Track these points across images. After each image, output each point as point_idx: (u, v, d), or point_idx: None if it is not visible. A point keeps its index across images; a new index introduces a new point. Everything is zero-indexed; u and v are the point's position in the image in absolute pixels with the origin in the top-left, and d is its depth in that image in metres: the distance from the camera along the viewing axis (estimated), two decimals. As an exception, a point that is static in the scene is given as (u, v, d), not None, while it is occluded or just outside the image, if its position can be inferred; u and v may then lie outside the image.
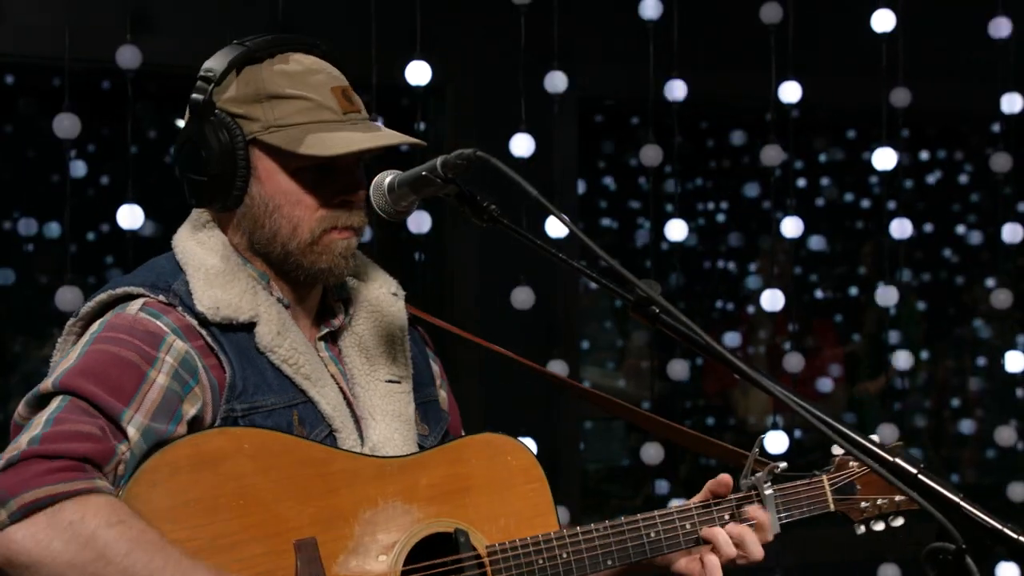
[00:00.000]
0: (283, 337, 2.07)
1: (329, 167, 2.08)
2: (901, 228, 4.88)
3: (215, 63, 2.09)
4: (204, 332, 2.03)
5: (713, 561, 2.24)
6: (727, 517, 2.26)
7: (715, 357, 1.86)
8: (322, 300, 2.21)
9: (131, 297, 2.04)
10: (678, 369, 4.65)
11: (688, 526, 2.24)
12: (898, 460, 1.79)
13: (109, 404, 1.89)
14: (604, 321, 7.41)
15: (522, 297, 4.37)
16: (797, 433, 5.33)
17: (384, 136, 2.09)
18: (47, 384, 1.92)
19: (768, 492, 2.28)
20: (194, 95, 2.08)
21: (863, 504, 2.36)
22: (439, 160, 1.96)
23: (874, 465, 1.76)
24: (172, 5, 4.48)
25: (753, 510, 2.26)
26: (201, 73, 2.09)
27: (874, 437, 1.88)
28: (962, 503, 1.76)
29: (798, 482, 2.34)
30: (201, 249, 2.11)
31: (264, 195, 2.08)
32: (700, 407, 7.11)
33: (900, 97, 4.82)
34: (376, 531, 2.05)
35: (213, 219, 2.15)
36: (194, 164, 2.09)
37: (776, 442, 4.69)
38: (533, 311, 4.40)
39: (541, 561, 2.13)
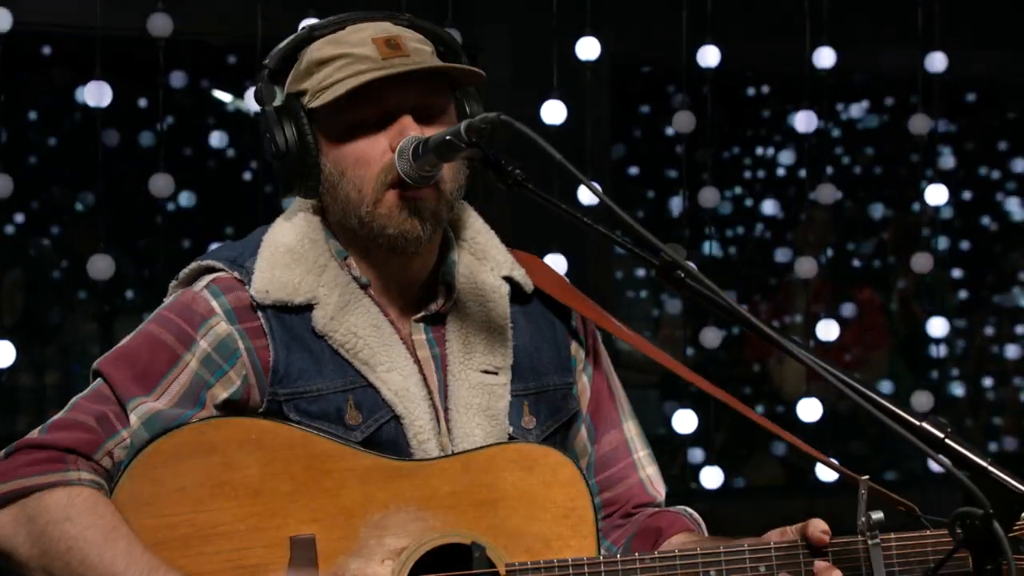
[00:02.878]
0: (339, 321, 2.04)
1: (387, 119, 2.04)
2: (937, 195, 4.84)
3: (275, 51, 2.12)
4: (260, 313, 2.04)
5: None
6: (816, 566, 1.94)
7: (740, 321, 1.84)
8: (431, 279, 2.15)
9: (212, 270, 2.09)
10: (711, 337, 4.64)
11: (763, 568, 1.95)
12: (925, 424, 1.78)
13: (124, 391, 1.99)
14: (639, 290, 7.39)
15: (554, 265, 4.35)
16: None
17: (411, 64, 2.03)
18: (97, 362, 2.05)
19: (874, 542, 1.91)
20: (256, 85, 2.11)
21: None
22: (463, 124, 1.93)
23: (901, 430, 1.74)
24: (203, -27, 4.49)
25: (824, 568, 1.94)
26: (264, 62, 2.12)
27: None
28: (990, 468, 1.74)
29: (926, 532, 1.96)
30: (287, 225, 2.12)
31: (331, 164, 2.06)
32: (735, 376, 7.08)
33: (936, 62, 4.77)
34: (384, 535, 1.97)
35: (314, 204, 2.14)
36: (272, 154, 2.09)
37: (810, 410, 4.68)
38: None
39: None
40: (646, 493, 2.26)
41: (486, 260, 2.20)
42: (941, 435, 1.76)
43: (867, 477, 1.95)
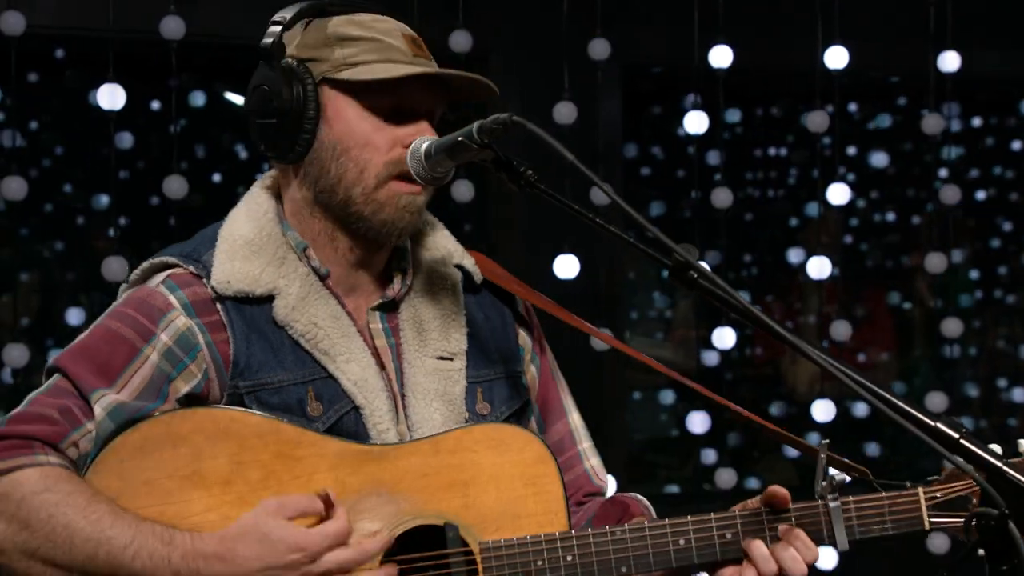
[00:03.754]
0: (300, 312, 2.06)
1: (402, 112, 2.07)
2: (951, 195, 4.82)
3: (286, 11, 2.11)
4: (219, 306, 2.04)
5: (749, 573, 2.01)
6: (780, 529, 2.03)
7: (753, 321, 1.84)
8: (387, 269, 2.18)
9: (166, 267, 2.08)
10: (725, 337, 4.63)
11: (729, 535, 2.04)
12: (940, 425, 1.78)
13: (86, 384, 1.95)
14: (651, 290, 7.38)
15: (566, 265, 4.36)
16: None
17: (451, 71, 2.08)
18: (52, 359, 2.02)
19: (834, 504, 2.02)
20: (264, 40, 2.09)
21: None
22: (475, 125, 1.96)
23: (915, 430, 1.74)
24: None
25: (787, 530, 2.02)
26: (273, 19, 2.11)
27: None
28: (1005, 468, 1.74)
29: (883, 494, 2.05)
30: (244, 216, 2.13)
31: (332, 138, 2.07)
32: (748, 376, 7.07)
33: (949, 61, 4.75)
34: (357, 519, 1.97)
35: (279, 180, 2.16)
36: (264, 108, 2.08)
37: (824, 411, 4.67)
38: (578, 280, 4.38)
39: (540, 562, 2.00)
40: (591, 483, 2.32)
41: (437, 250, 2.23)
42: (956, 435, 1.76)
43: (826, 442, 2.03)
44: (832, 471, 2.02)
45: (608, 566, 2.01)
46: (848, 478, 2.04)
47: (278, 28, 2.09)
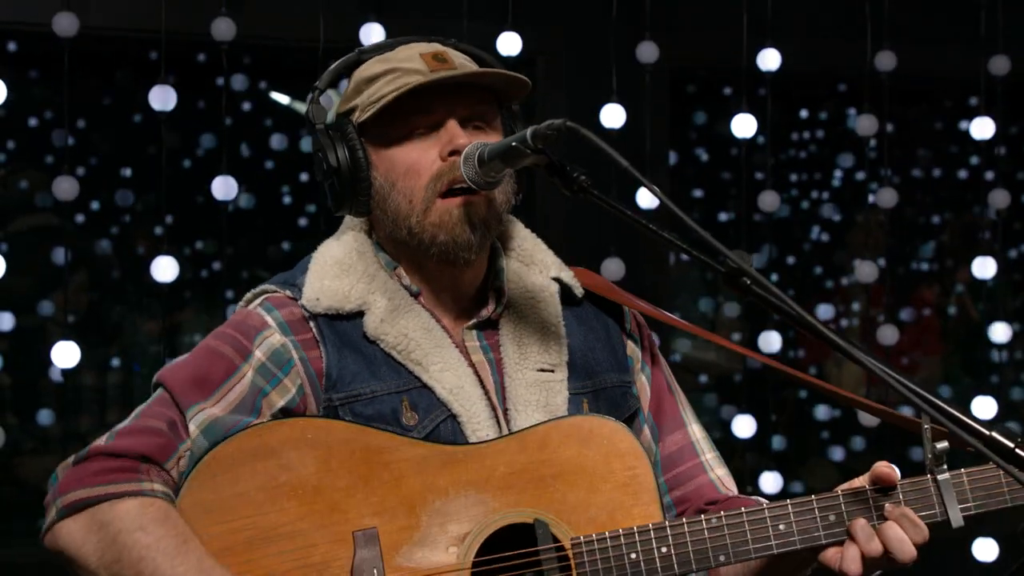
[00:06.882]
0: (390, 324, 2.09)
1: (432, 127, 2.09)
2: (1000, 199, 4.79)
3: (326, 72, 2.18)
4: (312, 324, 2.09)
5: (852, 554, 1.95)
6: (887, 508, 1.96)
7: (806, 328, 1.84)
8: (482, 288, 2.20)
9: (265, 293, 2.16)
10: (772, 341, 4.61)
11: (833, 517, 1.97)
12: (995, 434, 1.77)
13: (184, 399, 2.01)
14: (694, 293, 7.36)
15: (612, 268, 4.36)
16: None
17: (456, 72, 2.09)
18: (157, 375, 2.09)
19: (943, 477, 1.96)
20: (306, 106, 2.16)
21: None
22: (529, 131, 1.96)
23: (968, 438, 1.73)
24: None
25: (893, 509, 1.96)
26: (314, 84, 2.17)
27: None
28: (1061, 478, 1.72)
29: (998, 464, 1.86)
30: (334, 243, 2.19)
31: (381, 178, 2.12)
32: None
33: (999, 65, 4.72)
34: (446, 522, 1.98)
35: (362, 223, 2.21)
36: (322, 173, 2.14)
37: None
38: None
39: (635, 556, 1.96)
40: (717, 492, 2.27)
41: (533, 264, 2.24)
42: (1011, 444, 1.74)
43: (929, 418, 1.91)
44: (936, 443, 1.94)
45: (705, 556, 1.96)
46: (948, 445, 1.94)
47: (314, 93, 2.15)
